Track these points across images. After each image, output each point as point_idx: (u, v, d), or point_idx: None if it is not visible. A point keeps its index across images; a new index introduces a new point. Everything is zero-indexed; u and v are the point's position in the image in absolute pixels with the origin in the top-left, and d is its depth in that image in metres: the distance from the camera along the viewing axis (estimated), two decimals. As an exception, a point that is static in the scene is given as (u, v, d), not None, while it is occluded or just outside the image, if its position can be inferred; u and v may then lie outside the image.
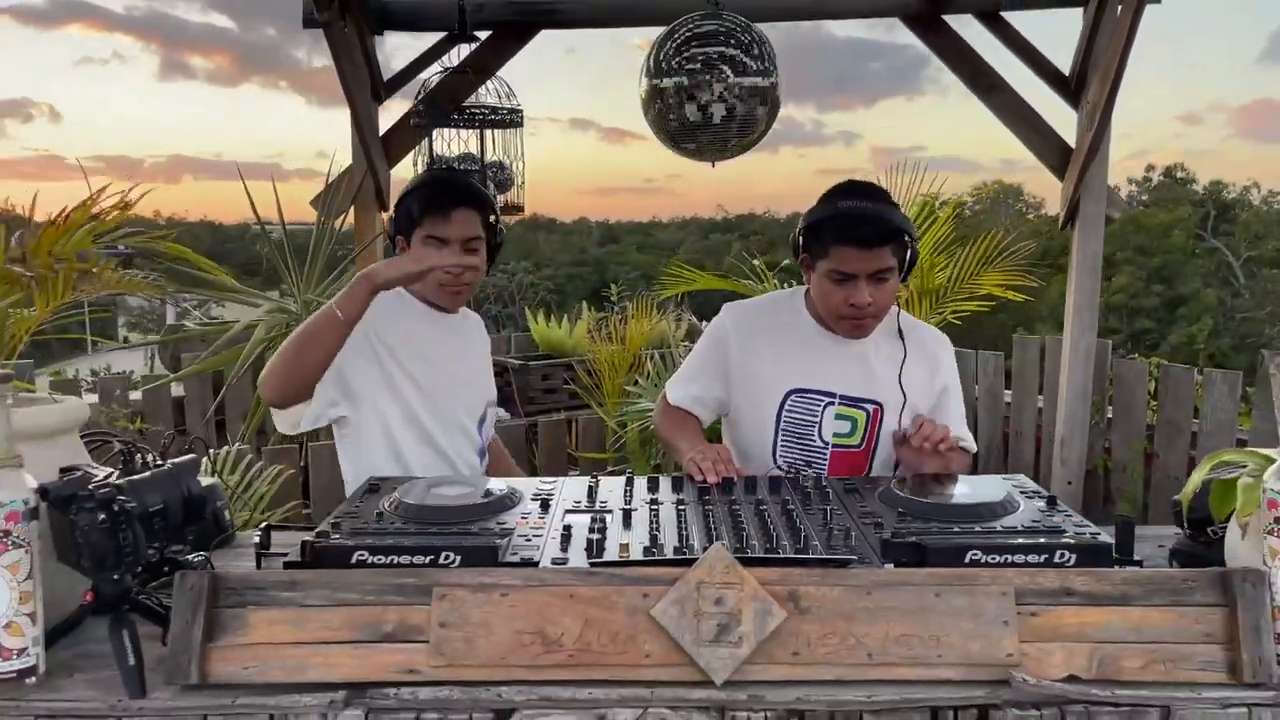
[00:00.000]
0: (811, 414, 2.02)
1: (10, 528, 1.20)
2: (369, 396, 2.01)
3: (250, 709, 1.20)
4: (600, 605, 1.25)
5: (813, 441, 2.02)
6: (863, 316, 1.95)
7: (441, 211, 2.01)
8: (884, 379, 2.01)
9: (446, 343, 2.14)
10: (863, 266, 1.90)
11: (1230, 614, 1.25)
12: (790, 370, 2.03)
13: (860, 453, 2.02)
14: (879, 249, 1.88)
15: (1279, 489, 1.25)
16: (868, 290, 1.91)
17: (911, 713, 1.20)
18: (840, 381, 2.01)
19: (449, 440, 2.08)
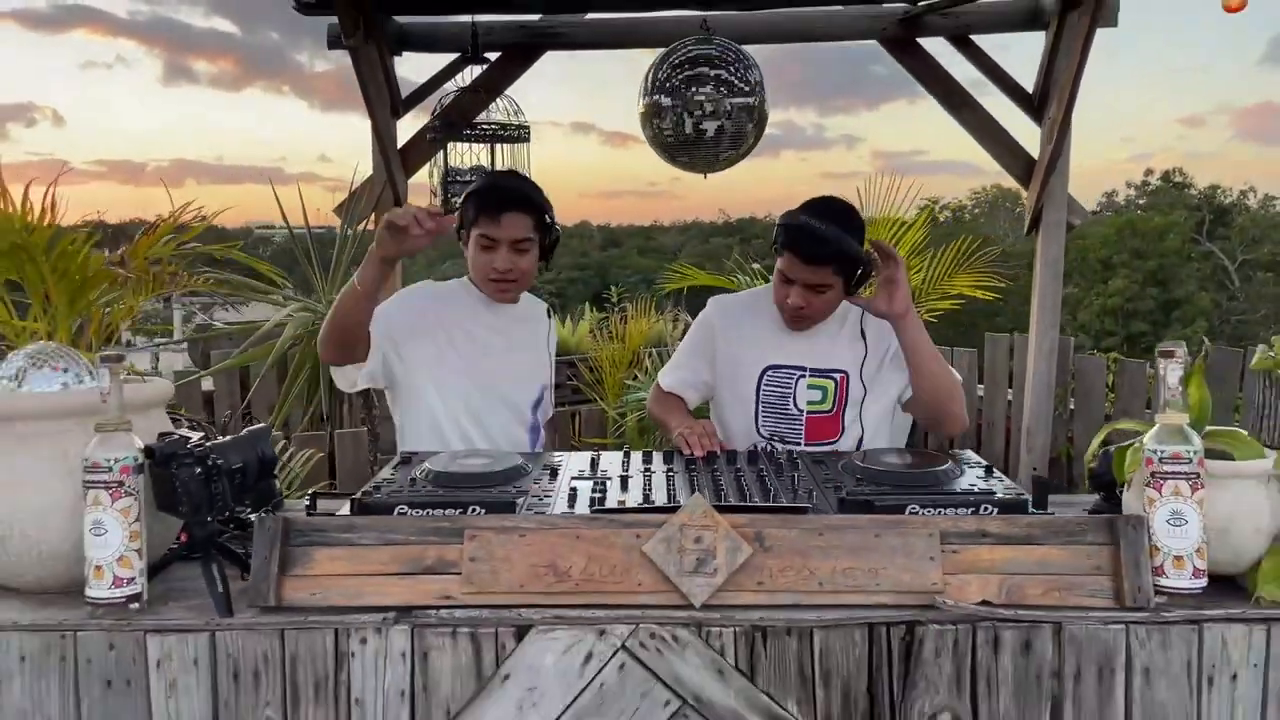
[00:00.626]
0: (786, 386, 2.30)
1: (124, 479, 1.49)
2: (421, 368, 2.25)
3: (318, 624, 1.48)
4: (601, 544, 1.54)
5: (789, 410, 2.31)
6: (797, 316, 2.25)
7: (492, 214, 2.21)
8: (846, 355, 2.29)
9: (505, 330, 2.35)
10: (801, 276, 2.18)
11: (1115, 551, 1.52)
12: (766, 350, 2.32)
13: (832, 417, 2.30)
14: (819, 266, 2.16)
15: (1154, 449, 1.53)
16: (802, 295, 2.19)
17: (853, 628, 1.48)
18: (809, 357, 2.30)
19: (494, 416, 2.30)
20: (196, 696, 1.47)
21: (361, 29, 3.29)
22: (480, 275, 2.29)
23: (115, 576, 1.49)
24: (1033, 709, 1.48)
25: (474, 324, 2.32)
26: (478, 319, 2.33)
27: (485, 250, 2.24)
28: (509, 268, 2.24)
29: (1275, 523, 1.56)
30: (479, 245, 2.24)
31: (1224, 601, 1.51)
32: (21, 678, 1.47)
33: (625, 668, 1.47)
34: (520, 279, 2.29)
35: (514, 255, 2.24)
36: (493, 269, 2.24)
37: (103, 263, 1.67)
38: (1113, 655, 1.47)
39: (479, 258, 2.27)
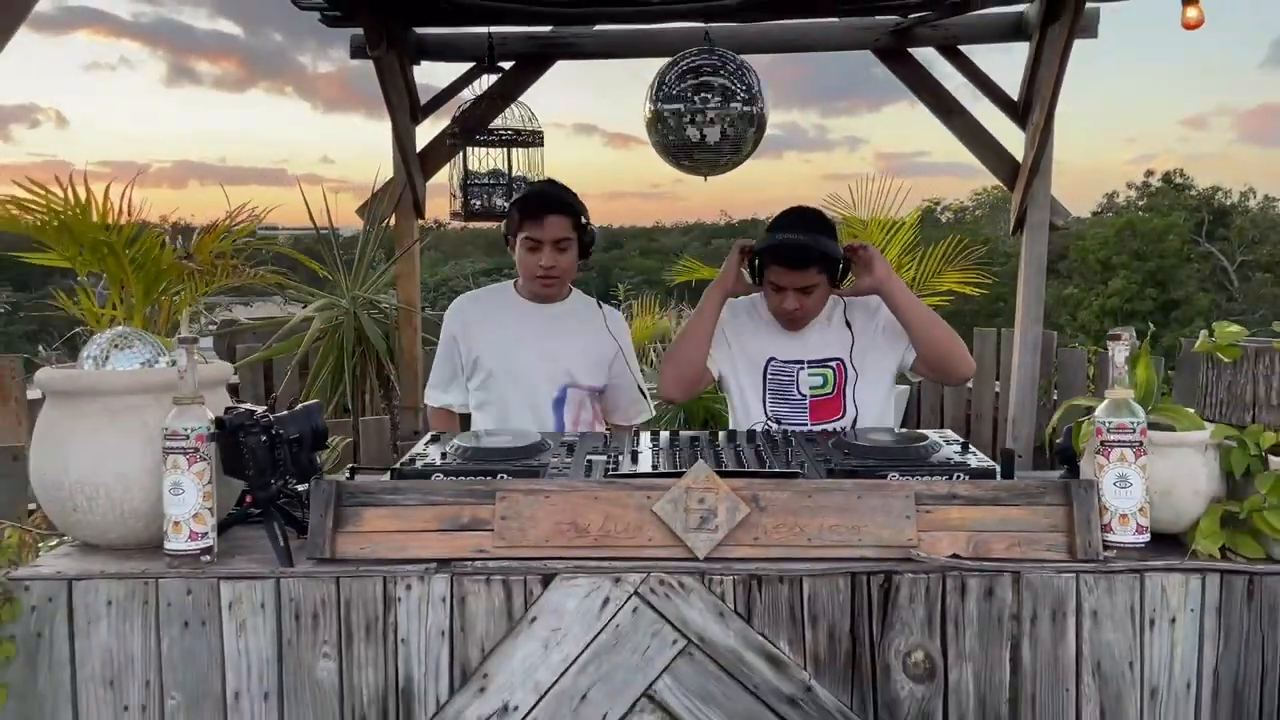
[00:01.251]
0: (789, 375, 2.53)
1: (199, 446, 1.70)
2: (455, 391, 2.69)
3: (369, 573, 1.69)
4: (616, 505, 1.75)
5: (794, 395, 2.53)
6: (794, 319, 2.49)
7: (535, 218, 2.50)
8: (838, 345, 2.51)
9: (529, 328, 2.60)
10: (792, 281, 2.41)
11: (1069, 511, 1.73)
12: (768, 345, 2.55)
13: (833, 399, 2.52)
14: (804, 270, 2.40)
15: (1103, 420, 1.74)
16: (796, 299, 2.43)
17: (838, 577, 1.69)
18: (806, 351, 2.52)
19: (519, 420, 2.54)
20: (263, 635, 1.68)
21: (385, 41, 3.51)
22: (528, 274, 2.58)
23: (191, 531, 1.70)
24: (995, 647, 1.68)
25: (500, 329, 2.63)
26: (504, 323, 2.63)
27: (531, 251, 2.53)
28: (552, 264, 2.53)
29: (1212, 486, 1.76)
30: (525, 247, 2.54)
31: (1166, 555, 1.72)
32: (108, 619, 1.68)
33: (638, 611, 1.68)
34: (562, 275, 2.58)
35: (555, 253, 2.53)
36: (539, 266, 2.53)
37: (173, 257, 1.88)
38: (1065, 600, 1.68)
39: (526, 258, 2.56)
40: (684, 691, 1.68)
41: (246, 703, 1.68)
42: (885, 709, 1.69)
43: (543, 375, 2.58)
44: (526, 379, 2.58)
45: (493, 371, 2.59)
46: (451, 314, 2.69)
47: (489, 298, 2.74)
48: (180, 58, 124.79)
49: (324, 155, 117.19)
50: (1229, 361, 1.83)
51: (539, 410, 2.58)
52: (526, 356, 2.58)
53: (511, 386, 2.58)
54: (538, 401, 2.59)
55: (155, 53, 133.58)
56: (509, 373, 2.58)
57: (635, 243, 40.58)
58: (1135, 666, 1.68)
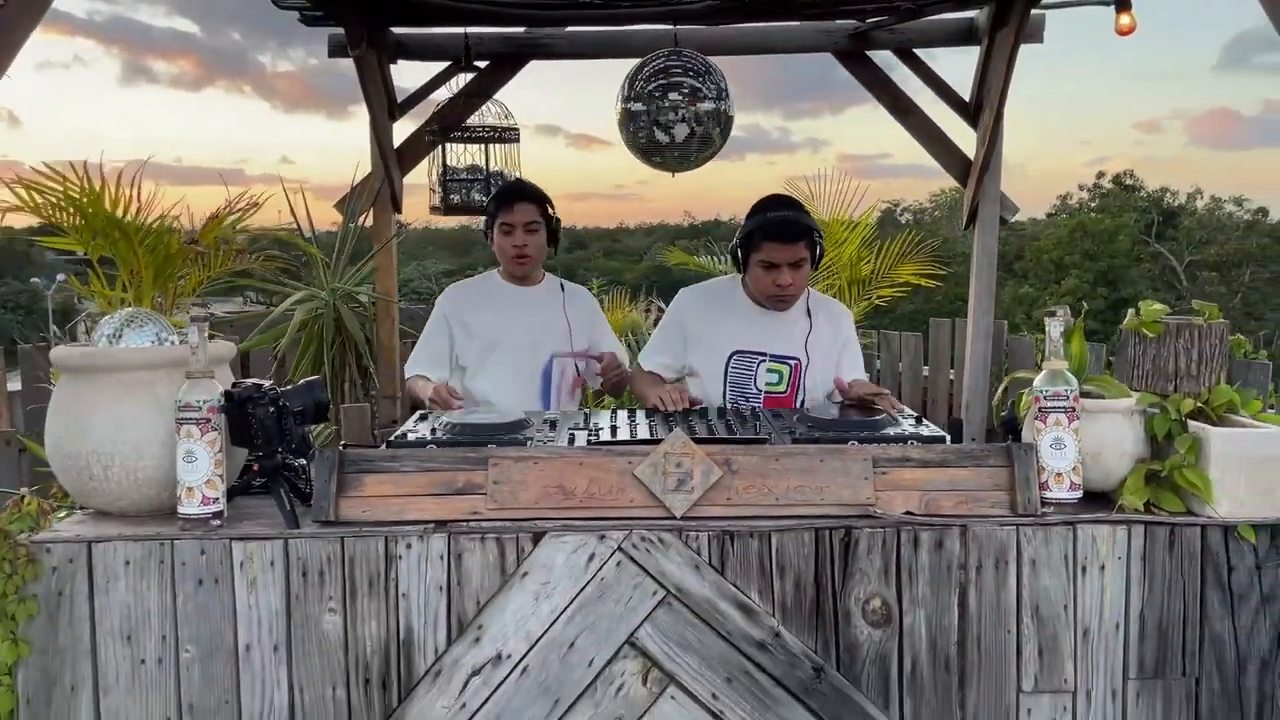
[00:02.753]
0: (749, 369, 2.68)
1: (211, 417, 1.82)
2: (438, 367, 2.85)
3: (371, 533, 1.83)
4: (600, 469, 1.90)
5: (750, 390, 2.68)
6: (786, 295, 2.62)
7: (508, 205, 2.86)
8: (799, 342, 2.68)
9: (520, 312, 2.88)
10: (784, 256, 2.56)
11: (1010, 471, 1.91)
12: (732, 336, 2.70)
13: (786, 397, 2.68)
14: (796, 244, 2.55)
15: (1041, 389, 1.92)
16: (789, 274, 2.58)
17: (803, 532, 1.85)
18: (769, 344, 2.68)
19: (505, 392, 2.78)
20: (273, 591, 1.81)
21: (365, 41, 3.62)
22: (505, 255, 2.89)
23: (204, 496, 1.82)
24: (944, 594, 1.86)
25: (489, 310, 2.89)
26: (491, 304, 2.90)
27: (506, 235, 2.86)
28: (524, 244, 2.85)
29: (1137, 448, 1.95)
30: (501, 231, 2.86)
31: (1096, 510, 1.90)
32: (126, 578, 1.80)
33: (621, 565, 1.83)
34: (534, 255, 2.89)
35: (526, 235, 2.86)
36: (513, 247, 2.85)
37: (180, 243, 1.99)
38: (1006, 550, 1.86)
39: (502, 241, 2.87)
40: (663, 638, 1.83)
41: (257, 654, 1.81)
42: (846, 651, 1.85)
43: (531, 347, 2.85)
44: (518, 350, 2.84)
45: (490, 343, 2.84)
46: (446, 299, 2.96)
47: (478, 284, 3.03)
48: (136, 56, 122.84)
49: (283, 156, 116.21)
50: (1153, 336, 2.02)
51: (531, 377, 2.84)
52: (517, 331, 2.85)
53: (507, 357, 2.84)
54: (529, 370, 2.85)
55: (110, 51, 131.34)
56: (504, 344, 2.84)
57: (599, 243, 40.72)
58: (1069, 609, 1.86)
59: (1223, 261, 26.50)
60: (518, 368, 2.83)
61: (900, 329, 4.67)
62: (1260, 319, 22.87)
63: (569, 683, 1.83)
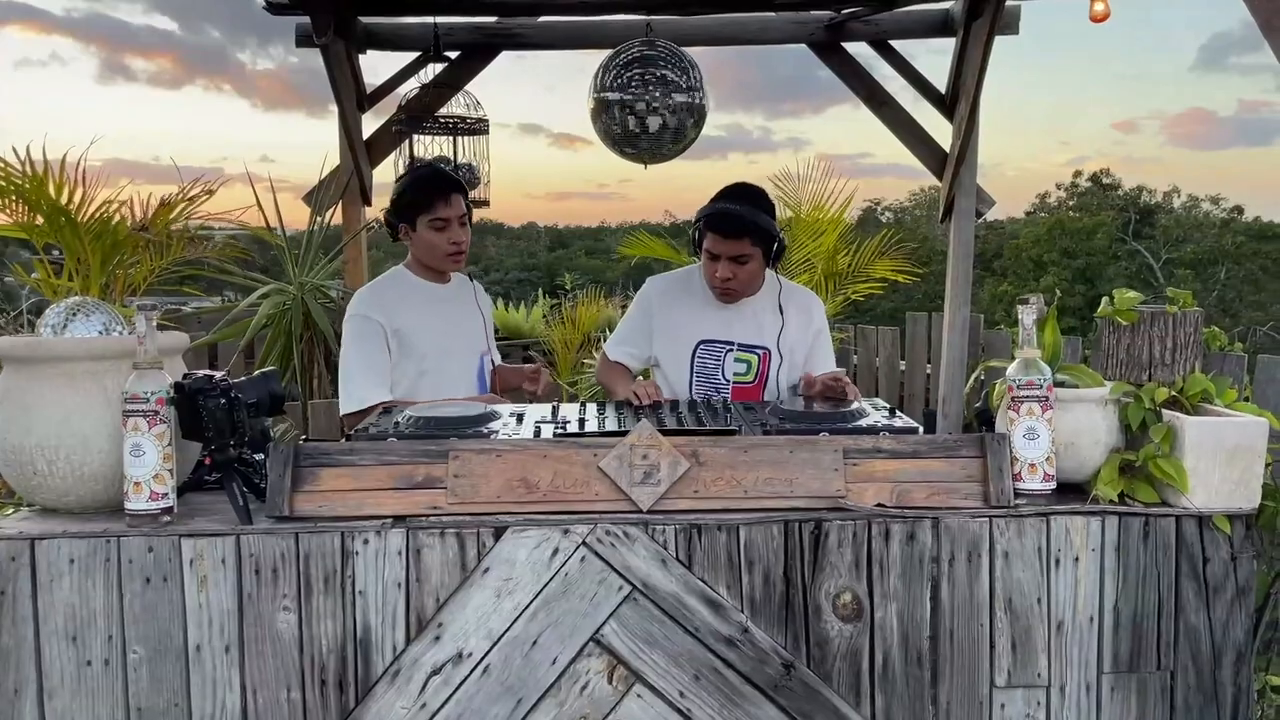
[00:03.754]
0: (716, 358, 2.63)
1: (159, 409, 1.75)
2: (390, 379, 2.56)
3: (327, 528, 1.77)
4: (565, 462, 1.84)
5: (718, 380, 2.63)
6: (726, 289, 2.57)
7: (445, 196, 2.58)
8: (769, 332, 2.63)
9: (443, 310, 2.66)
10: (726, 250, 2.52)
11: (983, 462, 1.87)
12: (700, 325, 2.65)
13: (754, 387, 2.64)
14: (737, 240, 2.50)
15: (1014, 378, 1.88)
16: (729, 267, 2.52)
17: (772, 525, 1.81)
18: (737, 333, 2.63)
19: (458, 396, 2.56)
20: (224, 589, 1.75)
21: (331, 29, 3.55)
22: (438, 253, 2.61)
23: (152, 491, 1.75)
24: (916, 587, 1.82)
25: (420, 314, 2.61)
26: (419, 308, 2.62)
27: (441, 230, 2.58)
28: (462, 239, 2.61)
29: (1111, 438, 1.92)
30: (434, 227, 2.58)
31: (1070, 501, 1.87)
32: (70, 576, 1.73)
33: (585, 560, 1.78)
34: (466, 250, 2.65)
35: (460, 230, 2.61)
36: (450, 244, 2.59)
37: (129, 229, 1.93)
38: (979, 543, 1.82)
39: (435, 238, 2.59)
40: (629, 635, 1.78)
41: (208, 655, 1.75)
42: (817, 646, 1.81)
43: (466, 348, 2.67)
44: (456, 353, 2.64)
45: (426, 355, 2.57)
46: (368, 305, 2.56)
47: (394, 285, 2.66)
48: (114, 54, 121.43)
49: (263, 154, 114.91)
50: (1127, 325, 1.99)
51: (469, 380, 2.66)
52: (452, 333, 2.64)
53: (447, 363, 2.62)
54: (467, 373, 2.66)
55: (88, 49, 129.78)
56: (440, 351, 2.60)
57: (581, 243, 40.57)
58: (1043, 602, 1.83)
59: (1199, 259, 26.70)
60: (457, 375, 2.62)
61: (879, 325, 4.64)
62: (1235, 316, 23.06)
63: (532, 681, 1.77)
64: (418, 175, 2.72)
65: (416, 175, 2.73)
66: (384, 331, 2.53)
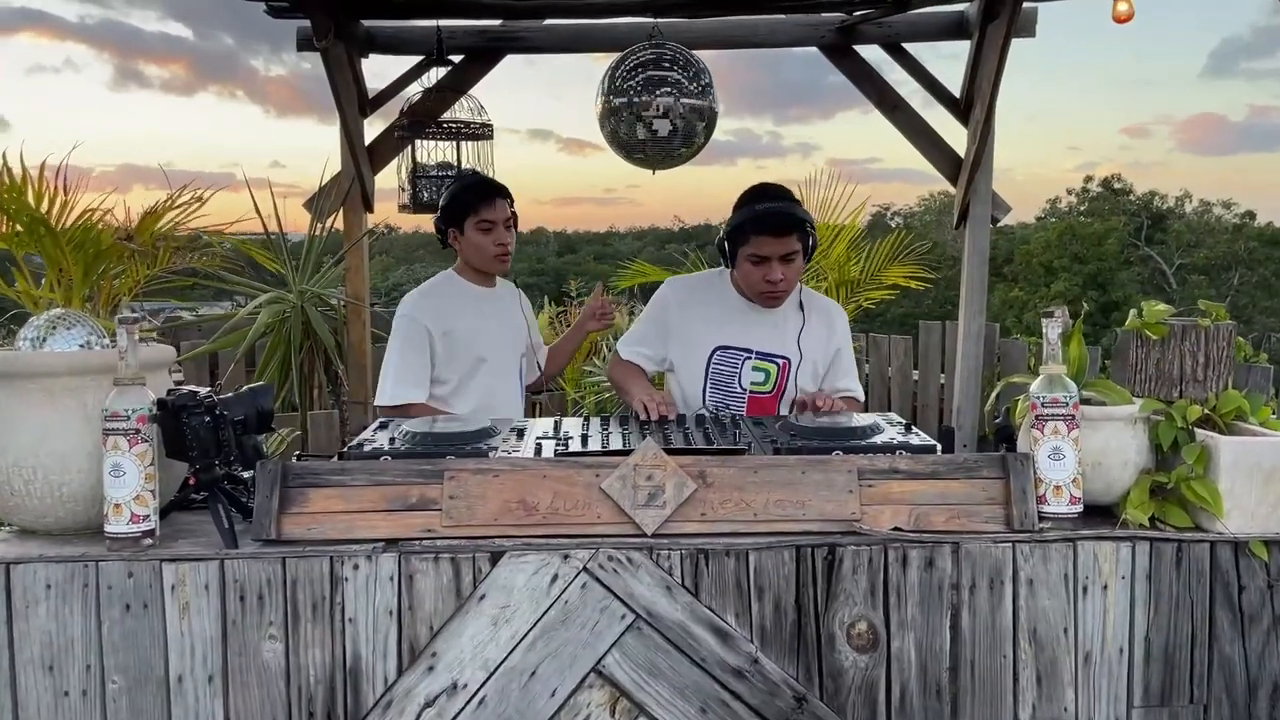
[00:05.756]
0: (733, 366, 2.54)
1: (140, 427, 1.67)
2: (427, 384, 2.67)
3: (315, 553, 1.68)
4: (565, 482, 1.76)
5: (734, 388, 2.54)
6: (777, 291, 2.48)
7: (489, 200, 2.70)
8: (790, 340, 2.54)
9: (492, 314, 2.76)
10: (775, 250, 2.43)
11: (1006, 483, 1.78)
12: (717, 331, 2.56)
13: (771, 397, 2.54)
14: (788, 236, 2.42)
15: (1038, 395, 1.79)
16: (780, 269, 2.44)
17: (783, 550, 1.72)
18: (756, 340, 2.54)
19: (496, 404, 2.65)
20: (207, 617, 1.66)
21: (332, 32, 3.48)
22: (485, 254, 2.73)
23: (132, 513, 1.67)
24: (935, 616, 1.72)
25: (470, 319, 2.73)
26: (470, 312, 2.74)
27: (486, 232, 2.70)
28: (507, 241, 2.73)
29: (1141, 458, 1.82)
30: (481, 230, 2.70)
31: (1098, 525, 1.78)
32: (48, 602, 1.65)
33: (586, 586, 1.69)
34: (512, 251, 2.77)
35: (506, 232, 2.74)
36: (495, 245, 2.71)
37: (113, 238, 1.85)
38: (1002, 569, 1.73)
39: (481, 240, 2.71)
40: (632, 666, 1.69)
41: (190, 685, 1.66)
42: (830, 678, 1.72)
43: (511, 350, 2.78)
44: (501, 358, 2.74)
45: (476, 357, 2.69)
46: (419, 308, 2.69)
47: (446, 289, 2.79)
48: (127, 60, 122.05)
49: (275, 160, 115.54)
50: (1156, 339, 1.89)
51: (513, 385, 2.77)
52: (501, 336, 2.75)
53: (495, 366, 2.72)
54: (512, 375, 2.77)
55: (101, 55, 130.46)
56: (491, 353, 2.71)
57: (589, 248, 40.56)
58: (1070, 632, 1.73)
59: (1212, 265, 26.51)
60: (503, 377, 2.73)
61: (890, 334, 4.55)
62: (1249, 322, 22.87)
63: (530, 714, 1.69)
64: (464, 181, 2.83)
65: (463, 181, 2.85)
66: (429, 335, 2.65)
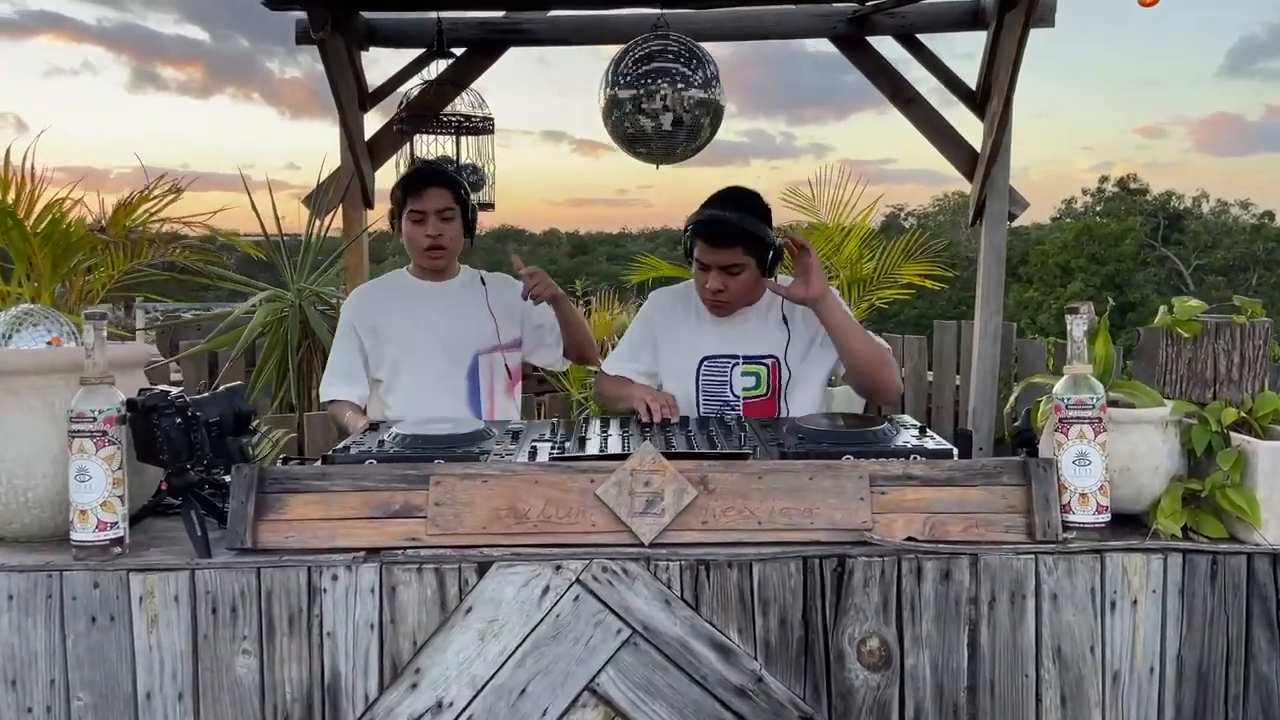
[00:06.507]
0: (722, 374, 2.43)
1: (108, 429, 1.58)
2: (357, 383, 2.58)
3: (293, 564, 1.59)
4: (558, 488, 1.66)
5: (726, 396, 2.43)
6: (717, 301, 2.38)
7: (418, 191, 2.52)
8: (776, 342, 2.42)
9: (439, 309, 2.59)
10: (715, 259, 2.32)
11: (1027, 491, 1.67)
12: (702, 340, 2.45)
13: (768, 400, 2.43)
14: (728, 249, 2.30)
15: (1061, 396, 1.68)
16: (719, 278, 2.33)
17: (789, 561, 1.61)
18: (740, 344, 2.43)
19: (426, 403, 2.46)
20: (177, 630, 1.57)
21: (329, 24, 3.39)
22: (415, 248, 2.58)
23: (99, 520, 1.58)
24: (952, 632, 1.61)
25: (400, 312, 2.59)
26: (401, 306, 2.60)
27: (418, 224, 2.54)
28: (439, 233, 2.54)
29: (1172, 464, 1.71)
30: (412, 220, 2.54)
31: (1126, 535, 1.66)
32: (9, 614, 1.56)
33: (580, 599, 1.59)
34: (450, 246, 2.58)
35: (440, 223, 2.54)
36: (425, 237, 2.54)
37: (84, 229, 1.76)
38: (1024, 583, 1.62)
39: (413, 231, 2.55)
40: (628, 684, 1.59)
41: (159, 703, 1.57)
42: (839, 698, 1.61)
43: (451, 348, 2.59)
44: (435, 354, 2.57)
45: (399, 354, 2.57)
46: (350, 305, 2.67)
47: (384, 285, 2.71)
48: (144, 63, 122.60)
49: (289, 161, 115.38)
50: (1188, 337, 1.78)
51: (454, 383, 2.58)
52: (431, 334, 2.58)
53: (420, 365, 2.57)
54: (449, 374, 2.58)
55: (119, 58, 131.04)
56: (414, 352, 2.57)
57: (602, 248, 40.52)
58: (1096, 650, 1.62)
59: (1229, 265, 26.25)
60: (438, 374, 2.55)
61: (904, 334, 4.43)
62: (1269, 323, 22.62)
63: (520, 735, 1.58)
64: (406, 171, 2.74)
65: (406, 171, 2.74)
66: (355, 332, 2.57)
